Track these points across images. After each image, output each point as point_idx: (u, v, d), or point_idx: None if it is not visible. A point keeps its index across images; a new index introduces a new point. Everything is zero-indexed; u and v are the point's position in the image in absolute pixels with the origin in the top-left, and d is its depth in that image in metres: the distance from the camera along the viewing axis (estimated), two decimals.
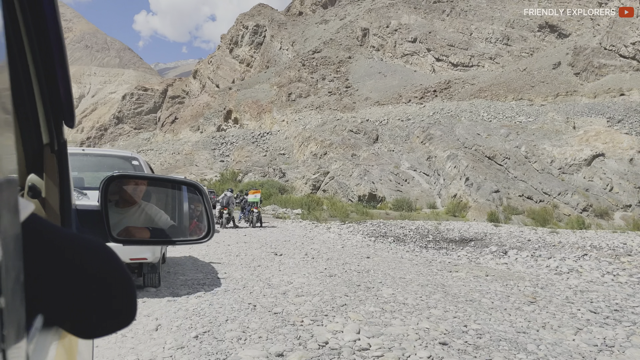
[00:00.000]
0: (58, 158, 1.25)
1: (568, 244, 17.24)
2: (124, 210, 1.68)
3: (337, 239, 15.25)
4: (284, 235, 15.48)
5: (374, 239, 16.10)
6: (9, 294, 0.42)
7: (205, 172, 62.90)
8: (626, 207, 38.82)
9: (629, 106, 52.04)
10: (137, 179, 1.87)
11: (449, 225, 24.40)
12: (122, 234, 1.58)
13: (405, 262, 10.45)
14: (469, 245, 20.66)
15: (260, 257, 10.20)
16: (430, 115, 57.80)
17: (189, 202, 1.89)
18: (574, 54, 61.11)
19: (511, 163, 45.97)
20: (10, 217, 0.43)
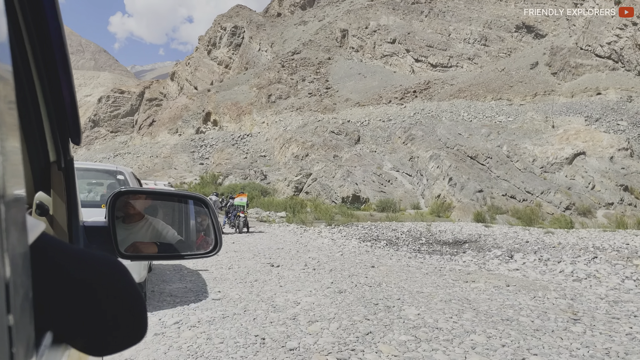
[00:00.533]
0: (65, 175, 1.25)
1: (568, 245, 16.45)
2: (130, 226, 1.64)
3: (331, 244, 14.15)
4: (274, 241, 14.31)
5: (371, 244, 15.05)
6: (17, 312, 0.42)
7: (185, 175, 61.19)
8: (608, 205, 38.57)
9: (605, 105, 52.19)
10: (144, 195, 1.85)
11: (439, 226, 23.52)
12: (129, 250, 1.55)
13: (414, 272, 9.40)
14: (463, 248, 19.79)
15: (255, 269, 9.03)
16: (411, 116, 57.17)
17: (195, 215, 1.85)
18: (551, 54, 61.21)
19: (493, 162, 45.51)
20: (18, 235, 0.43)
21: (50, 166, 1.23)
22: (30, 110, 1.06)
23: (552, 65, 60.19)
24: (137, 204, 1.71)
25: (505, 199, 40.93)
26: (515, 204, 39.96)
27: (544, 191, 40.56)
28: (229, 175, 56.64)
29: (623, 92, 53.12)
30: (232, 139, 65.99)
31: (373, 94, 66.64)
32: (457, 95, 60.40)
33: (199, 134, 71.62)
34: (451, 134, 51.70)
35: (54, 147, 1.19)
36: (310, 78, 72.09)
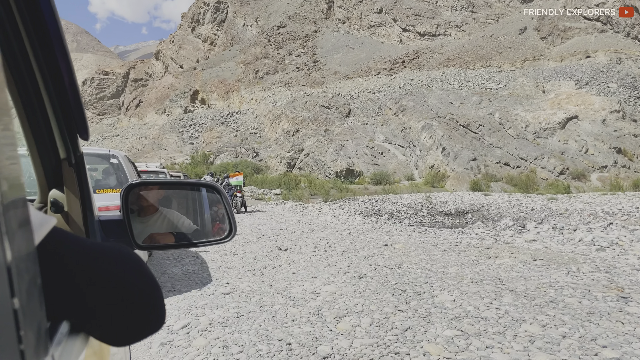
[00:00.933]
0: (76, 171, 1.27)
1: (576, 211, 15.89)
2: (145, 218, 1.65)
3: (335, 222, 13.43)
4: (276, 221, 13.56)
5: (376, 220, 14.36)
6: (23, 296, 0.42)
7: (175, 155, 60.02)
8: (602, 168, 38.22)
9: (595, 68, 51.52)
10: (155, 185, 1.85)
11: (439, 197, 22.91)
12: (146, 241, 1.56)
13: (431, 249, 8.72)
14: (466, 218, 19.21)
15: (261, 254, 8.29)
16: (401, 87, 56.16)
17: (209, 203, 1.84)
18: (539, 19, 60.13)
19: (486, 130, 44.87)
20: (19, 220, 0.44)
21: (61, 163, 1.24)
22: (37, 110, 1.07)
23: (540, 29, 59.20)
24: (150, 196, 1.70)
25: (499, 167, 40.45)
26: (509, 171, 39.50)
27: (538, 157, 40.08)
28: (220, 154, 55.59)
29: (612, 54, 52.43)
30: (221, 117, 64.70)
31: (362, 65, 65.39)
32: (446, 64, 59.38)
33: (187, 113, 70.14)
34: (442, 103, 50.87)
35: (64, 145, 1.19)
36: (298, 52, 70.54)
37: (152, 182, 1.78)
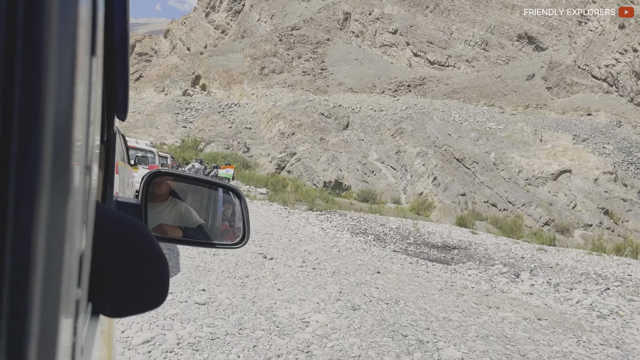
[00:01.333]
0: (106, 149, 1.25)
1: (567, 267, 15.29)
2: (155, 205, 1.63)
3: (323, 235, 12.63)
4: (261, 223, 12.71)
5: (364, 240, 13.59)
6: (83, 285, 0.42)
7: (166, 136, 58.73)
8: (587, 226, 38.01)
9: (595, 127, 51.69)
10: (177, 178, 1.85)
11: (427, 227, 22.26)
12: (155, 231, 1.51)
13: (427, 285, 7.99)
14: (452, 254, 18.53)
15: (244, 259, 7.46)
16: (403, 110, 55.77)
17: (222, 203, 1.83)
18: (549, 68, 60.40)
19: (479, 168, 44.53)
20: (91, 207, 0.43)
21: None
22: None
23: (548, 79, 59.38)
24: (164, 186, 1.67)
25: (487, 206, 40.05)
26: (495, 212, 39.11)
27: (526, 203, 39.78)
28: (211, 143, 54.54)
29: (613, 117, 52.67)
30: (219, 106, 63.67)
31: (367, 82, 64.94)
32: (450, 96, 59.20)
33: (185, 96, 68.94)
34: (441, 133, 50.54)
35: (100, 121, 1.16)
36: (307, 56, 69.92)
37: (175, 173, 1.78)
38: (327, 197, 33.46)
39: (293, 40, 72.69)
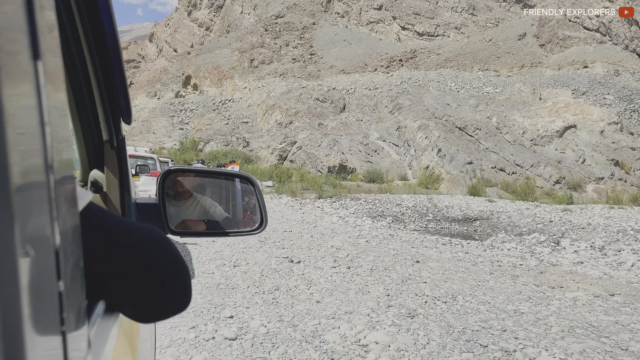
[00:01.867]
0: (117, 154, 1.28)
1: (599, 226, 14.39)
2: (180, 203, 1.67)
3: (344, 225, 11.73)
4: (276, 220, 11.81)
5: (388, 224, 12.69)
6: (68, 279, 0.43)
7: (164, 140, 57.70)
8: (598, 180, 37.09)
9: (593, 78, 50.44)
10: (192, 173, 1.90)
11: (443, 201, 21.34)
12: (179, 227, 1.56)
13: (473, 269, 7.11)
14: (474, 226, 17.65)
15: (269, 266, 6.56)
16: (398, 85, 54.54)
17: (242, 193, 1.85)
18: (539, 25, 58.93)
19: (482, 134, 43.47)
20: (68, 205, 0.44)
21: (103, 145, 1.26)
22: (84, 93, 1.10)
23: (540, 36, 57.97)
24: (186, 182, 1.71)
25: (495, 172, 39.10)
26: (504, 176, 38.20)
27: (534, 164, 38.82)
28: (209, 142, 53.52)
29: (610, 66, 51.40)
30: (213, 104, 62.50)
31: (358, 61, 63.57)
32: (443, 65, 57.87)
33: (178, 98, 67.73)
34: (439, 104, 49.37)
35: (107, 127, 1.22)
36: (294, 43, 68.48)
37: (188, 169, 1.96)
38: (333, 182, 32.55)
39: (279, 28, 71.17)
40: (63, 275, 0.41)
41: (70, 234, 0.45)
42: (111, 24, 0.96)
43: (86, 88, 1.10)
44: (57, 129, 0.41)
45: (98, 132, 1.23)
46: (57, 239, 0.40)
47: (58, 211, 0.40)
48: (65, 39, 0.93)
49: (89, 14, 0.93)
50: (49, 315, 0.39)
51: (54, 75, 0.42)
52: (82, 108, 1.15)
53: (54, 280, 0.40)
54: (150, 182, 13.03)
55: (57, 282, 0.40)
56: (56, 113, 0.41)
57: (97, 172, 1.29)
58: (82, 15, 0.91)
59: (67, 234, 0.44)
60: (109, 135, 1.26)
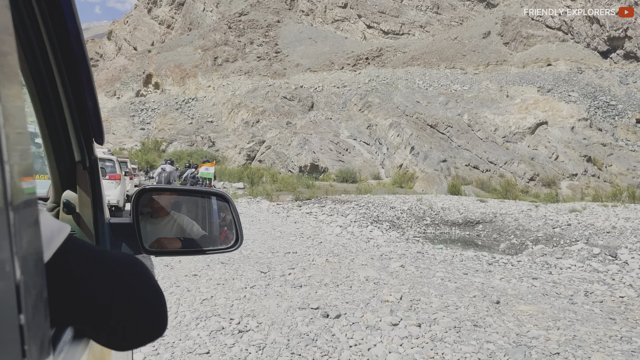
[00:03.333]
0: (90, 174, 1.27)
1: (627, 229, 12.51)
2: (157, 221, 1.66)
3: (353, 239, 9.29)
4: (269, 234, 9.25)
5: (404, 236, 10.33)
6: (29, 311, 0.42)
7: (124, 140, 53.78)
8: (572, 176, 36.05)
9: (557, 76, 49.85)
10: (167, 192, 1.88)
11: (437, 202, 19.22)
12: (154, 245, 1.54)
13: (556, 304, 4.78)
14: (477, 230, 15.58)
15: (295, 328, 4.00)
16: (367, 83, 52.54)
17: (218, 211, 1.83)
18: (503, 24, 58.25)
19: (454, 132, 41.90)
20: (30, 237, 0.44)
21: (75, 166, 1.24)
22: (55, 113, 1.08)
23: (503, 35, 57.25)
24: (162, 200, 1.70)
25: (469, 170, 37.51)
26: (478, 174, 36.62)
27: (507, 161, 37.46)
28: (173, 142, 50.03)
29: (573, 64, 51.02)
30: (176, 103, 58.88)
31: (324, 59, 61.31)
32: (410, 63, 56.32)
33: (139, 97, 63.63)
34: (409, 101, 47.62)
35: (79, 148, 1.20)
36: (259, 41, 65.56)
37: (164, 188, 1.83)
38: (307, 183, 30.07)
39: (242, 26, 68.08)
40: (24, 308, 0.41)
41: (32, 265, 0.44)
42: (80, 42, 0.93)
43: (57, 109, 1.07)
44: (17, 150, 0.40)
45: (70, 153, 1.19)
46: (18, 272, 0.39)
47: (18, 243, 0.39)
48: (34, 58, 0.93)
49: (57, 33, 0.91)
50: (10, 349, 0.38)
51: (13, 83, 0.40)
52: (53, 128, 1.11)
53: (15, 315, 0.39)
54: (108, 185, 11.69)
55: (18, 316, 0.40)
56: (15, 131, 0.40)
57: (70, 193, 1.26)
58: (50, 34, 0.90)
59: (29, 265, 0.43)
60: (81, 155, 1.21)
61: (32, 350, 0.43)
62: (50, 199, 1.36)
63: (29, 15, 0.83)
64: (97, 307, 0.72)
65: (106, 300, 0.73)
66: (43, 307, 0.49)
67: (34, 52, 0.93)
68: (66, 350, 0.68)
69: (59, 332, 0.69)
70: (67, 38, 0.93)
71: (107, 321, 0.73)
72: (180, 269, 6.10)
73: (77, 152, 1.21)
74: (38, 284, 0.47)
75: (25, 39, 0.87)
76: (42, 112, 1.08)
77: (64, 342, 0.68)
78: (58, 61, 0.98)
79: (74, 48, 0.95)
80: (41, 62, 0.96)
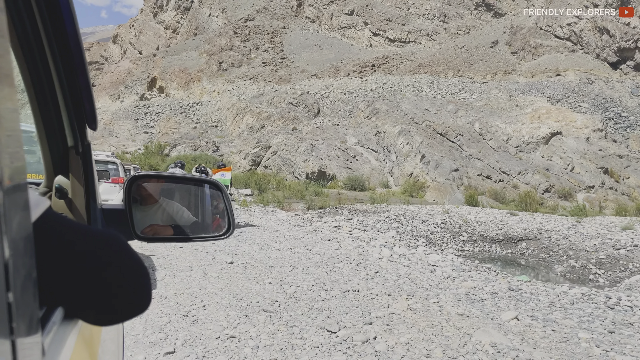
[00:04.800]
0: (83, 159, 1.25)
1: None
2: (146, 208, 1.62)
3: (412, 266, 7.29)
4: (304, 255, 7.24)
5: (471, 264, 8.32)
6: (18, 290, 0.42)
7: (127, 144, 51.72)
8: (589, 188, 34.12)
9: (567, 86, 48.05)
10: (159, 179, 1.83)
11: (468, 214, 17.22)
12: (146, 232, 1.51)
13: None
14: (520, 248, 13.60)
15: None
16: (373, 89, 50.67)
17: (210, 199, 1.79)
18: (511, 33, 56.55)
19: (465, 140, 39.99)
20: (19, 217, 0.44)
21: (68, 151, 1.22)
22: (48, 98, 1.06)
23: (512, 44, 55.55)
24: (152, 187, 1.65)
25: (481, 179, 35.54)
26: (491, 184, 34.64)
27: (521, 172, 35.52)
28: (176, 146, 47.96)
29: (582, 74, 49.26)
30: (180, 107, 56.93)
31: (330, 66, 59.49)
32: (417, 71, 54.52)
33: (143, 101, 61.64)
34: (418, 109, 45.73)
35: (72, 133, 1.18)
36: (265, 47, 63.74)
37: (156, 175, 1.75)
38: (315, 190, 28.03)
39: (248, 31, 66.27)
40: (12, 286, 0.40)
41: (21, 245, 0.44)
42: (73, 26, 0.91)
43: (50, 93, 1.03)
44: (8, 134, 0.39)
45: (63, 138, 1.16)
46: (7, 252, 0.39)
47: (7, 223, 0.39)
48: (27, 42, 0.90)
49: (51, 17, 0.88)
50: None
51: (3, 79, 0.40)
52: (46, 113, 1.08)
53: (3, 292, 0.39)
54: (111, 189, 10.64)
55: (7, 294, 0.40)
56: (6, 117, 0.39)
57: (62, 178, 1.23)
58: (44, 17, 0.87)
59: (18, 245, 0.43)
60: (74, 141, 1.18)
61: (20, 327, 0.42)
62: (43, 184, 1.31)
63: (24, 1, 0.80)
64: (78, 282, 0.69)
65: (87, 274, 0.70)
66: (32, 287, 0.48)
67: (27, 36, 0.89)
68: (55, 330, 0.67)
69: (49, 312, 0.68)
70: (60, 21, 0.89)
71: (90, 296, 0.71)
72: (206, 322, 4.10)
73: (69, 137, 1.17)
74: (27, 264, 0.46)
75: (19, 23, 0.84)
76: (35, 97, 1.03)
77: (53, 322, 0.68)
78: (52, 46, 0.93)
79: (67, 32, 0.91)
80: (34, 46, 0.91)
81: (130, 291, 0.76)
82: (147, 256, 6.67)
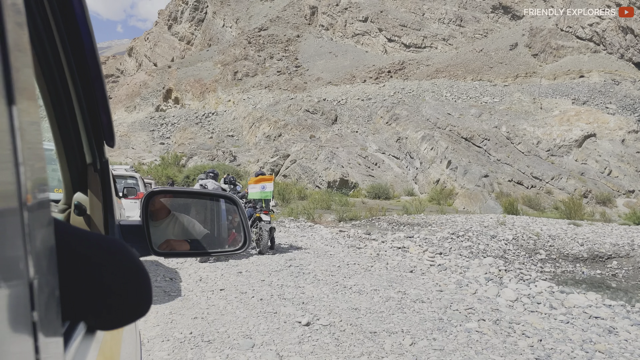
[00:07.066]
0: (101, 176, 1.24)
1: None
2: (157, 223, 1.58)
3: (555, 321, 4.78)
4: (393, 305, 4.75)
5: (631, 309, 5.76)
6: (42, 309, 0.41)
7: (144, 155, 49.69)
8: (629, 193, 31.23)
9: (592, 87, 45.12)
10: (176, 194, 1.81)
11: (537, 228, 14.55)
12: (162, 247, 1.49)
13: None
14: (611, 268, 10.93)
15: None
16: (392, 95, 48.13)
17: (226, 213, 1.79)
18: (531, 35, 53.80)
19: (492, 145, 37.27)
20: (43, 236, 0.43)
21: (87, 168, 1.22)
22: (67, 116, 1.06)
23: (532, 46, 52.78)
24: (168, 202, 1.64)
25: (512, 185, 32.76)
26: (523, 190, 31.84)
27: (554, 177, 32.71)
28: (193, 156, 45.71)
29: (607, 75, 46.35)
30: (196, 118, 54.86)
31: (345, 73, 57.14)
32: (435, 76, 51.95)
33: (159, 112, 59.71)
34: (439, 113, 43.06)
35: (90, 150, 1.18)
36: (279, 56, 61.62)
37: (173, 190, 1.72)
38: (340, 200, 25.39)
39: (262, 41, 64.23)
40: (37, 305, 0.40)
41: (45, 264, 0.43)
42: (90, 41, 0.90)
43: (68, 111, 1.04)
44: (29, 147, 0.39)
45: (81, 155, 1.16)
46: (32, 271, 0.38)
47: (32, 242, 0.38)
48: (45, 58, 0.90)
49: (68, 32, 0.88)
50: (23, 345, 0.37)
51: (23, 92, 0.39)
52: (64, 131, 1.08)
53: (28, 312, 0.38)
54: (132, 206, 9.81)
55: (32, 313, 0.39)
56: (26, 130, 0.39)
57: (80, 195, 1.23)
58: (62, 33, 0.87)
59: (42, 264, 0.42)
60: (92, 157, 1.18)
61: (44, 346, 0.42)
62: (62, 201, 1.30)
63: (41, 17, 0.80)
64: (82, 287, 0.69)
65: (89, 279, 0.70)
66: (55, 305, 0.47)
67: (46, 54, 0.89)
68: (76, 345, 0.67)
69: (71, 328, 0.68)
70: (79, 38, 0.89)
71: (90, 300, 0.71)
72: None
73: (88, 154, 1.17)
74: (50, 282, 0.46)
75: (37, 41, 0.84)
76: (54, 114, 1.03)
77: (75, 337, 0.67)
78: (70, 63, 0.93)
79: (85, 49, 0.91)
80: (53, 64, 0.92)
81: (131, 295, 0.76)
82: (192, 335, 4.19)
